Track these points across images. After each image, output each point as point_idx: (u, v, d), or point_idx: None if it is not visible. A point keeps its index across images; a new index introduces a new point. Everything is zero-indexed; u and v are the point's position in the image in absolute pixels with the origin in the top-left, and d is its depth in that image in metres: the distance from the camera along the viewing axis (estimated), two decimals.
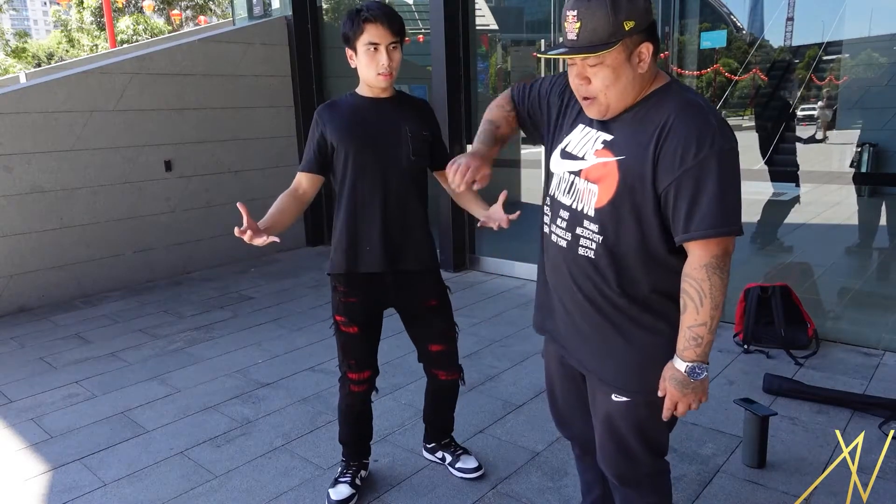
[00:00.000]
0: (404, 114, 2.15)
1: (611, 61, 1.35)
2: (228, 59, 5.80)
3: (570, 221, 1.50)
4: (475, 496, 2.37)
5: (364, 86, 2.13)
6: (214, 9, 29.09)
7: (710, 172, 1.30)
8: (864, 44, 3.80)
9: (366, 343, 2.26)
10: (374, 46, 1.99)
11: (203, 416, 3.06)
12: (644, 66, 1.37)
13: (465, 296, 4.76)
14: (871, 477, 2.29)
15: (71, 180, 4.95)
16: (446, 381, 2.39)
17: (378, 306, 2.26)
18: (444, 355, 2.33)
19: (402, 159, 2.13)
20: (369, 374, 2.28)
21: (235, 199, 5.96)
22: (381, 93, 2.13)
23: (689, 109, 1.35)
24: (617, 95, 1.39)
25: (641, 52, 1.35)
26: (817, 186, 4.02)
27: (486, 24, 5.71)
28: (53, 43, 30.29)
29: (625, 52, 1.34)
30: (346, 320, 2.21)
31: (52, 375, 3.60)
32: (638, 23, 1.32)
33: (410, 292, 2.26)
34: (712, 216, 1.31)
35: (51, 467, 2.67)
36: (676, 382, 1.42)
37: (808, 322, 3.58)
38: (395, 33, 2.01)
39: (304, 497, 2.40)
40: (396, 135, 2.12)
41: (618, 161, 1.40)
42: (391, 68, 2.03)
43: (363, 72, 2.05)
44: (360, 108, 2.12)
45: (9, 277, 4.73)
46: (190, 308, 4.72)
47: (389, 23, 1.99)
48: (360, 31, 1.99)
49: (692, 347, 1.39)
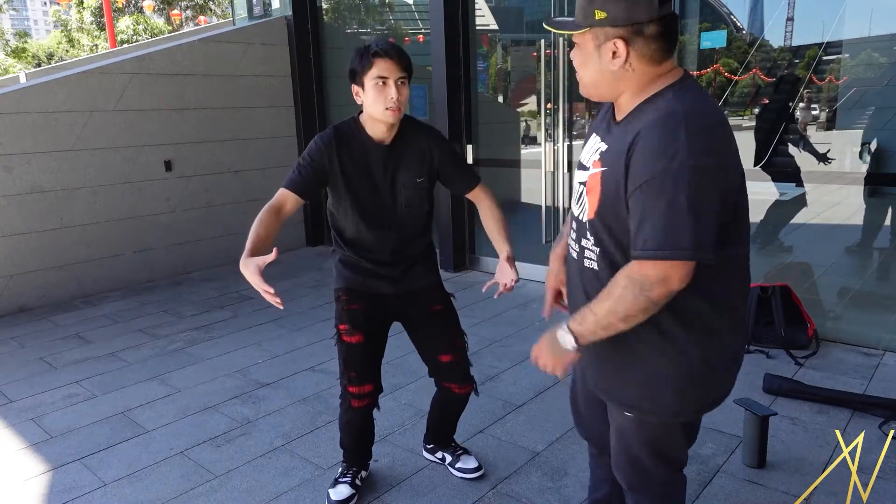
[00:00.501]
0: (402, 161, 2.12)
1: (581, 44, 1.38)
2: (228, 59, 5.80)
3: (578, 232, 1.51)
4: (475, 496, 2.37)
5: (369, 121, 2.09)
6: (214, 9, 29.08)
7: (665, 190, 1.22)
8: (864, 44, 3.80)
9: (368, 354, 2.22)
10: (382, 80, 1.98)
11: (203, 416, 3.06)
12: (617, 63, 1.33)
13: (465, 296, 4.76)
14: (871, 477, 2.29)
15: (71, 180, 4.95)
16: (459, 394, 2.35)
17: (382, 317, 2.25)
18: (454, 366, 2.29)
19: (397, 209, 2.15)
20: (371, 389, 2.22)
21: (235, 199, 6.04)
22: (386, 135, 2.09)
23: (662, 119, 1.28)
24: (588, 81, 1.41)
25: (614, 48, 1.33)
26: (817, 186, 4.02)
27: (486, 24, 5.71)
28: (53, 43, 30.28)
29: (594, 40, 1.35)
30: (348, 328, 2.19)
31: (52, 375, 3.60)
32: (610, 17, 1.31)
33: (413, 303, 2.27)
34: (654, 238, 1.24)
35: (51, 467, 2.67)
36: (547, 338, 1.46)
37: (808, 322, 3.58)
38: (403, 69, 2.01)
39: (304, 497, 2.40)
40: (392, 187, 2.13)
41: (601, 172, 1.39)
42: (400, 102, 2.01)
43: (371, 107, 2.02)
44: (367, 150, 2.10)
45: (9, 277, 4.73)
46: (190, 308, 4.72)
47: (399, 58, 2.00)
48: (369, 65, 1.98)
49: (576, 319, 1.40)
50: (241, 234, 6.28)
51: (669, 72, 1.36)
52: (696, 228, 1.23)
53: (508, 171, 5.50)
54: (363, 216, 2.13)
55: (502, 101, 5.92)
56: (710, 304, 1.38)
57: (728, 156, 1.30)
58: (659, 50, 1.33)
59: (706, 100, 1.36)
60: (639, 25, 1.31)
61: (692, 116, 1.27)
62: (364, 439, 2.40)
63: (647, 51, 1.33)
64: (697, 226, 1.23)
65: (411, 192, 2.15)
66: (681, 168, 1.22)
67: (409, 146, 2.14)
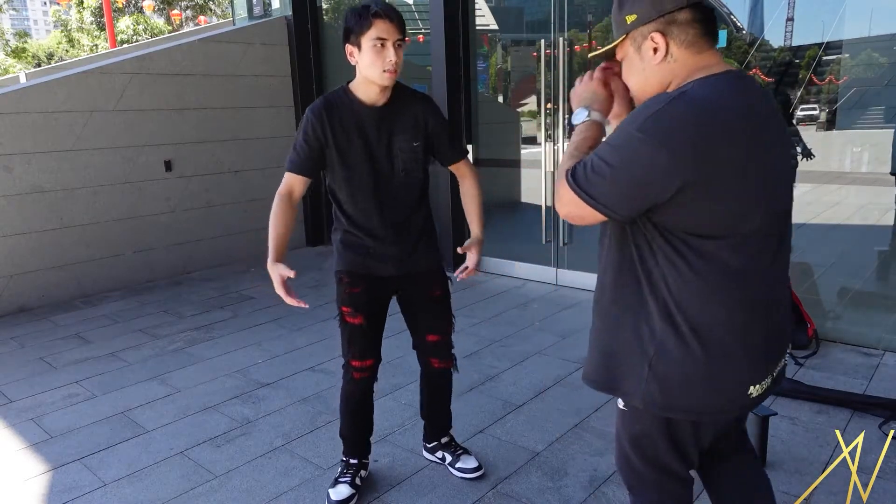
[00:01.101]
0: (397, 124, 2.13)
1: (622, 55, 1.40)
2: (228, 59, 5.80)
3: None
4: (475, 496, 2.37)
5: (362, 85, 2.09)
6: (214, 9, 29.09)
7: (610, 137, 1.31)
8: (864, 44, 3.80)
9: (370, 333, 2.28)
10: (381, 42, 1.98)
11: (203, 416, 3.06)
12: (658, 57, 1.34)
13: (465, 296, 4.76)
14: (871, 477, 2.29)
15: (71, 180, 4.95)
16: (439, 369, 2.41)
17: (384, 297, 2.30)
18: (439, 345, 2.37)
19: (394, 175, 2.15)
20: (372, 363, 2.30)
21: (235, 199, 6.04)
22: (380, 96, 2.10)
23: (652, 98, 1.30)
24: (638, 87, 1.41)
25: (653, 43, 1.34)
26: (817, 186, 4.02)
27: (486, 24, 5.71)
28: (53, 43, 30.29)
29: (633, 44, 1.37)
30: (351, 310, 2.23)
31: (52, 375, 3.60)
32: (640, 16, 1.33)
33: (415, 284, 2.30)
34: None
35: (51, 467, 2.67)
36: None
37: (808, 322, 3.58)
38: (400, 31, 2.01)
39: (304, 497, 2.40)
40: (388, 150, 2.13)
41: None
42: (397, 65, 2.02)
43: (367, 69, 2.02)
44: (359, 116, 2.10)
45: (9, 277, 4.73)
46: (190, 308, 4.72)
47: (398, 20, 2.00)
48: (367, 26, 1.97)
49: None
50: (241, 234, 6.30)
51: (715, 65, 1.33)
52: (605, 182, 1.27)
53: (508, 171, 5.50)
54: (360, 184, 2.13)
55: (502, 101, 5.91)
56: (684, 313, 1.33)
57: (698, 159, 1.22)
58: (697, 35, 1.33)
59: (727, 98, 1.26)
60: (670, 14, 1.32)
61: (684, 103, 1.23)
62: (363, 417, 2.41)
63: (686, 37, 1.33)
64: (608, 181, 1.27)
65: (408, 156, 2.15)
66: (625, 126, 1.26)
67: (403, 110, 2.14)
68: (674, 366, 1.34)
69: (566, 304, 4.50)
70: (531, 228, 5.06)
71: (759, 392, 1.41)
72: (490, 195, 6.03)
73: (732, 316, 1.33)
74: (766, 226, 1.33)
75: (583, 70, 5.07)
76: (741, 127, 1.25)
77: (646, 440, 1.51)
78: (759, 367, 1.39)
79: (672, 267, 1.31)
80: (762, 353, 1.39)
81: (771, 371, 1.43)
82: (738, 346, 1.34)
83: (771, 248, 1.37)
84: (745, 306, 1.34)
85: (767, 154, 1.30)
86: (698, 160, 1.22)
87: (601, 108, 1.47)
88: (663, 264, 1.32)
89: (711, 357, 1.33)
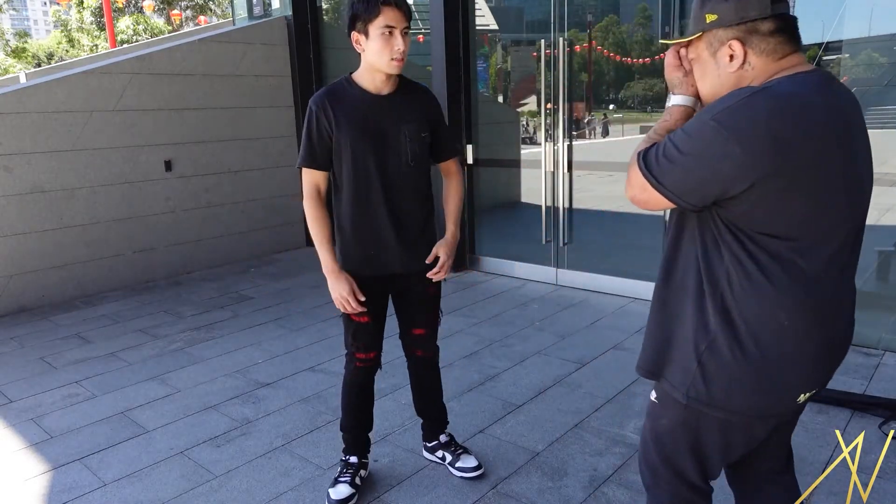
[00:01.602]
0: (404, 113, 2.12)
1: (696, 55, 1.35)
2: (228, 59, 5.80)
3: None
4: (475, 496, 2.37)
5: (367, 74, 2.07)
6: (214, 9, 29.08)
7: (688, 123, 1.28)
8: (864, 44, 3.80)
9: (374, 329, 2.31)
10: (389, 30, 1.96)
11: (203, 416, 3.06)
12: (735, 65, 1.30)
13: (465, 296, 4.76)
14: (871, 477, 2.29)
15: (71, 180, 4.95)
16: (423, 357, 2.44)
17: (385, 294, 2.33)
18: (425, 337, 2.40)
19: (402, 164, 2.13)
20: (375, 354, 2.35)
21: (235, 199, 6.04)
22: (385, 85, 2.09)
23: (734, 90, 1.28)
24: (710, 92, 1.35)
25: (730, 50, 1.30)
26: None
27: (486, 24, 5.71)
28: (53, 43, 30.28)
29: (708, 48, 1.32)
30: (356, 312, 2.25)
31: (52, 375, 3.60)
32: (721, 18, 1.29)
33: (413, 283, 2.31)
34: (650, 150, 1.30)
35: (51, 467, 2.67)
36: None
37: None
38: (408, 18, 2.00)
39: (304, 497, 2.40)
40: (396, 138, 2.11)
41: None
42: (404, 54, 2.00)
43: (374, 57, 2.00)
44: (364, 104, 2.08)
45: (9, 277, 4.73)
46: (190, 308, 4.72)
47: (405, 7, 1.98)
48: (376, 13, 1.95)
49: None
50: (241, 233, 6.32)
51: (800, 64, 1.29)
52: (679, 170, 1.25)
53: (508, 171, 5.50)
54: (366, 174, 2.10)
55: (502, 101, 5.91)
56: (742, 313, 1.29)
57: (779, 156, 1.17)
58: (779, 44, 1.29)
59: (814, 95, 1.22)
60: (752, 23, 1.27)
61: (766, 97, 1.19)
62: (364, 408, 2.42)
63: (766, 46, 1.28)
64: (682, 168, 1.24)
65: (417, 145, 2.13)
66: (703, 114, 1.23)
67: (410, 99, 2.13)
68: (724, 363, 1.31)
69: (566, 304, 4.50)
70: (531, 228, 5.06)
71: (806, 398, 1.38)
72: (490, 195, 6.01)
73: (795, 321, 1.28)
74: (842, 231, 1.28)
75: (583, 70, 5.08)
76: (827, 126, 1.21)
77: (668, 436, 1.48)
78: (814, 375, 1.36)
79: (739, 265, 1.27)
80: (822, 360, 1.35)
81: (825, 379, 1.40)
82: (797, 352, 1.30)
83: (844, 254, 1.32)
84: (811, 313, 1.29)
85: (852, 158, 1.27)
86: (778, 156, 1.17)
87: (684, 90, 1.41)
88: (729, 262, 1.28)
89: (767, 360, 1.29)
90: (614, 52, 4.84)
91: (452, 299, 4.67)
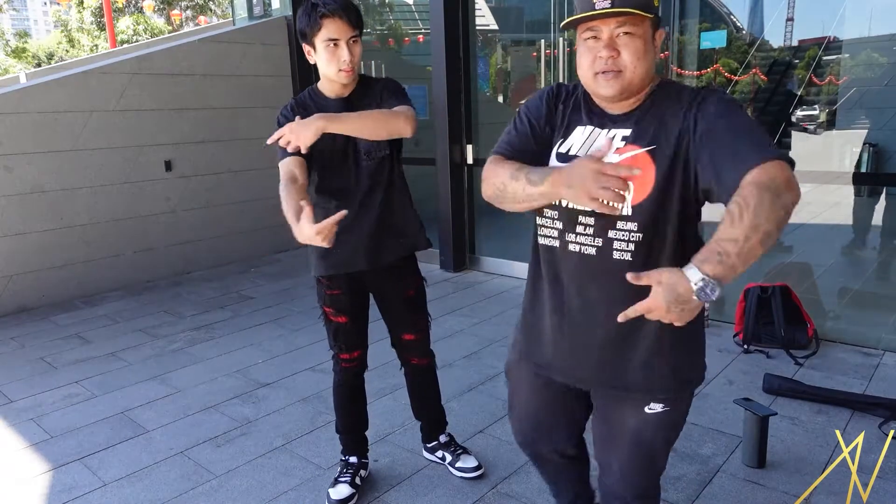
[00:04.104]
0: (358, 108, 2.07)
1: (642, 33, 1.33)
2: (228, 59, 5.80)
3: (600, 226, 1.38)
4: (475, 496, 2.37)
5: (326, 82, 2.08)
6: (214, 9, 29.08)
7: (746, 118, 1.31)
8: (864, 44, 3.80)
9: (355, 328, 2.31)
10: (333, 42, 1.94)
11: (203, 416, 3.06)
12: (656, 53, 1.37)
13: (465, 296, 4.76)
14: (871, 477, 2.29)
15: (71, 180, 4.95)
16: (418, 365, 2.44)
17: (362, 294, 2.31)
18: (415, 343, 2.39)
19: (359, 159, 2.12)
20: (359, 353, 2.35)
21: (235, 199, 6.03)
22: (343, 89, 2.09)
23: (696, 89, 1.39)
24: (641, 73, 1.34)
25: (658, 37, 1.38)
26: (817, 186, 4.02)
27: (486, 24, 5.71)
28: (53, 43, 30.26)
29: (650, 30, 1.35)
30: (333, 311, 2.27)
31: (52, 375, 3.60)
32: (658, 7, 1.34)
33: (389, 283, 2.29)
34: (764, 146, 1.23)
35: (51, 467, 2.67)
36: (671, 292, 1.14)
37: (807, 322, 3.58)
38: (354, 26, 1.96)
39: (304, 497, 2.40)
40: (355, 142, 2.10)
41: (650, 150, 1.34)
42: (353, 63, 1.98)
43: (324, 68, 2.01)
44: (325, 109, 2.07)
45: (9, 277, 4.73)
46: (190, 308, 4.72)
47: (348, 16, 1.93)
48: (317, 27, 1.93)
49: (714, 262, 1.14)
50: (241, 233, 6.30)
51: None
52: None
53: None
54: (330, 173, 2.12)
55: (502, 101, 5.92)
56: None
57: None
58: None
59: None
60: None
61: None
62: (355, 409, 2.42)
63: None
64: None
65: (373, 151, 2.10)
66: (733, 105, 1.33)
67: (365, 95, 2.11)
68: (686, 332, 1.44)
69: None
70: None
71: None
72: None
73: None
74: None
75: None
76: None
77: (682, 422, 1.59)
78: None
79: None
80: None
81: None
82: None
83: None
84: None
85: None
86: None
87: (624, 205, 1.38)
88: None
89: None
90: None
91: (452, 299, 4.67)
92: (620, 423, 1.54)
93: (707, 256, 1.15)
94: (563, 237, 1.45)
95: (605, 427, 1.59)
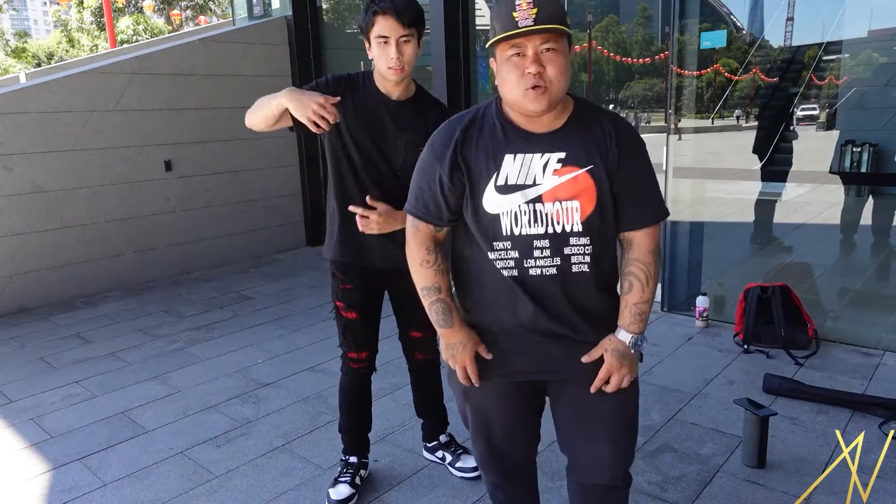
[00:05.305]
0: (409, 123, 2.10)
1: (563, 49, 1.39)
2: (228, 59, 5.80)
3: (555, 246, 1.46)
4: (475, 496, 2.37)
5: (378, 76, 2.09)
6: (214, 9, 29.08)
7: (648, 166, 1.50)
8: (864, 44, 3.80)
9: (365, 327, 2.30)
10: (383, 40, 1.96)
11: (203, 416, 3.06)
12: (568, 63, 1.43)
13: None
14: (871, 477, 2.29)
15: (71, 180, 4.95)
16: (422, 360, 2.44)
17: (375, 290, 2.31)
18: (422, 340, 2.39)
19: (390, 170, 2.12)
20: (368, 355, 2.34)
21: (235, 199, 6.04)
22: (394, 90, 2.08)
23: (607, 111, 1.54)
24: (564, 87, 1.41)
25: (575, 51, 1.48)
26: (817, 186, 4.02)
27: (486, 24, 5.71)
28: (53, 43, 30.27)
29: (567, 45, 1.40)
30: (344, 305, 2.26)
31: (52, 375, 3.60)
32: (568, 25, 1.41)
33: (402, 282, 2.26)
34: (659, 209, 1.51)
35: (51, 467, 2.67)
36: (619, 354, 1.50)
37: (808, 322, 3.58)
38: (406, 26, 1.95)
39: (304, 497, 2.40)
40: (393, 143, 2.10)
41: (589, 170, 1.44)
42: (402, 63, 1.98)
43: (377, 62, 2.03)
44: (374, 101, 2.08)
45: (9, 277, 4.73)
46: (190, 308, 4.72)
47: (400, 15, 1.93)
48: (371, 23, 1.96)
49: (637, 322, 1.51)
50: (241, 233, 6.30)
51: None
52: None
53: None
54: (358, 167, 2.10)
55: None
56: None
57: None
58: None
59: None
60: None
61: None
62: (360, 409, 2.42)
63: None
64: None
65: (410, 156, 2.08)
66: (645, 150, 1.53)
67: (419, 111, 2.11)
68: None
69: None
70: None
71: None
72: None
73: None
74: None
75: (583, 70, 5.08)
76: None
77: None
78: None
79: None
80: None
81: None
82: None
83: None
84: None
85: None
86: None
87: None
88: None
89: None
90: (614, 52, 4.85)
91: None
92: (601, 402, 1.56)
93: (631, 320, 1.51)
94: (522, 264, 1.49)
95: (576, 408, 1.61)
